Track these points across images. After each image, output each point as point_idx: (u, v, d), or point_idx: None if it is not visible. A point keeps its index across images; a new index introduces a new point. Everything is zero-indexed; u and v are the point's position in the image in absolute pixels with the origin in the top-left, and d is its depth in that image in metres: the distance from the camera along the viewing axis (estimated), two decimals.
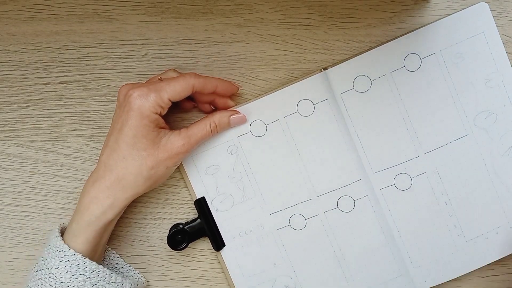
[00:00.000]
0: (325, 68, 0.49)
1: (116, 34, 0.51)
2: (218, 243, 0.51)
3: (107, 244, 0.51)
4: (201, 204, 0.51)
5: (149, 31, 0.50)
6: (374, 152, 0.50)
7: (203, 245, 0.53)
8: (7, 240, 0.53)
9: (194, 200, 0.51)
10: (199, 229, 0.51)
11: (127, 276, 0.51)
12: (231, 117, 0.49)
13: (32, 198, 0.53)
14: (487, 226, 0.50)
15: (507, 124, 0.49)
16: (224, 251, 0.51)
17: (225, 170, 0.51)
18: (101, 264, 0.47)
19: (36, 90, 0.52)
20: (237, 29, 0.50)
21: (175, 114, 0.51)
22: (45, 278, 0.44)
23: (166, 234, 0.52)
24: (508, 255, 0.50)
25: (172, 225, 0.52)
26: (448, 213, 0.50)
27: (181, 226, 0.51)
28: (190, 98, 0.49)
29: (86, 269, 0.44)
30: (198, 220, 0.51)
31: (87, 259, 0.44)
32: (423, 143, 0.49)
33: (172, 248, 0.50)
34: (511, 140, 0.49)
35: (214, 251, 0.52)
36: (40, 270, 0.45)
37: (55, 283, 0.44)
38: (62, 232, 0.47)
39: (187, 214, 0.52)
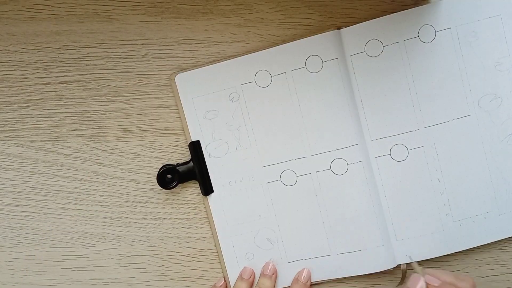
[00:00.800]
0: (339, 27, 0.49)
1: (116, 34, 0.51)
2: (206, 188, 0.51)
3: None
4: (195, 147, 0.51)
5: (149, 31, 0.50)
6: (375, 118, 0.50)
7: (203, 245, 0.53)
8: (7, 240, 0.53)
9: (188, 143, 0.51)
10: (190, 171, 0.51)
11: None
12: None
13: (32, 198, 0.53)
14: (476, 209, 0.50)
15: (510, 110, 0.49)
16: (211, 197, 0.51)
17: (224, 117, 0.50)
18: None
19: (36, 90, 0.52)
20: (237, 29, 0.50)
21: None
22: None
23: (167, 234, 0.52)
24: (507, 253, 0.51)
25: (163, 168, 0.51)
26: (439, 191, 0.50)
27: (172, 166, 0.51)
28: None
29: None
30: (191, 162, 0.51)
31: None
32: (425, 116, 0.49)
33: (161, 186, 0.50)
34: None
35: (214, 251, 0.52)
36: None
37: None
38: None
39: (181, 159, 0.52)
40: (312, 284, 0.51)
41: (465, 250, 0.51)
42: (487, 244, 0.51)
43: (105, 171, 0.52)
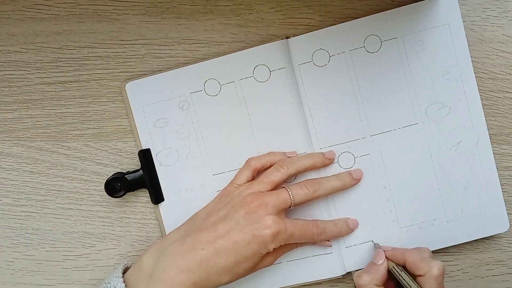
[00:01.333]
0: (288, 37, 0.49)
1: (116, 34, 0.51)
2: (157, 197, 0.51)
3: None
4: (145, 156, 0.51)
5: (149, 31, 0.50)
6: (323, 127, 0.50)
7: None
8: (7, 240, 0.53)
9: (138, 151, 0.51)
10: (140, 180, 0.51)
11: None
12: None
13: (32, 198, 0.53)
14: (423, 216, 0.50)
15: (458, 119, 0.49)
16: (162, 206, 0.51)
17: (174, 125, 0.50)
18: None
19: (36, 90, 0.52)
20: (237, 29, 0.50)
21: None
22: None
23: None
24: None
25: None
26: (385, 198, 0.50)
27: (121, 174, 0.51)
28: None
29: None
30: (140, 171, 0.51)
31: None
32: (371, 125, 0.50)
33: (108, 194, 0.50)
34: (460, 135, 0.49)
35: None
36: None
37: None
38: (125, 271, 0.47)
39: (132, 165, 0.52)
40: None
41: (465, 250, 0.51)
42: (487, 244, 0.51)
43: (105, 171, 0.52)
